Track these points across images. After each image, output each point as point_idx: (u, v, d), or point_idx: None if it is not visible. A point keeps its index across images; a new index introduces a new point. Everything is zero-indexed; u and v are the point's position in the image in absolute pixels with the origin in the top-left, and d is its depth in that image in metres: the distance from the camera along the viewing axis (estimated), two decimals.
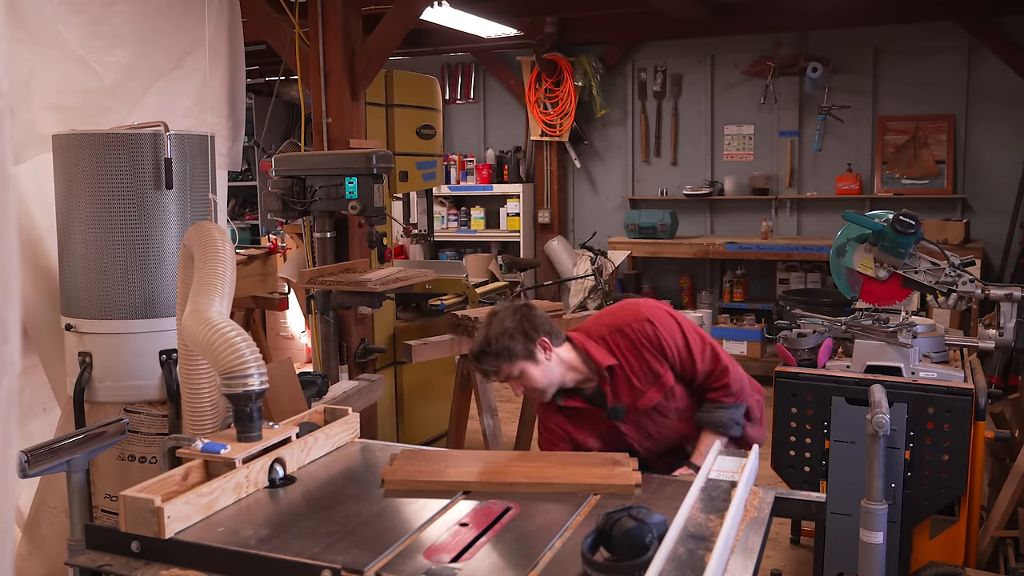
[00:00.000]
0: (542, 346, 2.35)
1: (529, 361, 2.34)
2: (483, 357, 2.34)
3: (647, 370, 2.41)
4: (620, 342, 2.42)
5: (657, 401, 2.43)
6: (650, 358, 2.40)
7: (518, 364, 2.33)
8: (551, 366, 2.38)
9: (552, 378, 2.39)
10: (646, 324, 2.41)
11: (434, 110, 4.82)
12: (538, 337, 2.35)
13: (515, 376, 2.35)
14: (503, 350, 2.31)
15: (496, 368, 2.34)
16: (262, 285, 4.84)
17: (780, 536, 3.84)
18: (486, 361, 2.34)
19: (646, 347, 2.40)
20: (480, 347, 2.35)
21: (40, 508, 2.72)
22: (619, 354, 2.41)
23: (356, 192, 3.47)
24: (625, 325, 2.43)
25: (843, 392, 2.92)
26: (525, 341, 2.33)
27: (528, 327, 2.34)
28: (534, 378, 2.35)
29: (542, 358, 2.35)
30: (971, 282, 3.04)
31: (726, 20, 6.72)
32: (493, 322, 2.36)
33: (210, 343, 1.90)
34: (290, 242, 6.01)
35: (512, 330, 2.33)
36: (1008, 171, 6.42)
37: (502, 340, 2.31)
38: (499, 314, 2.38)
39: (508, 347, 2.31)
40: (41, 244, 2.79)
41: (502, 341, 2.31)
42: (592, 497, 1.84)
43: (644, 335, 2.40)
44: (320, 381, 2.94)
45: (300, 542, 1.60)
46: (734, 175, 7.21)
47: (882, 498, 2.59)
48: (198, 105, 3.23)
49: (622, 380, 2.42)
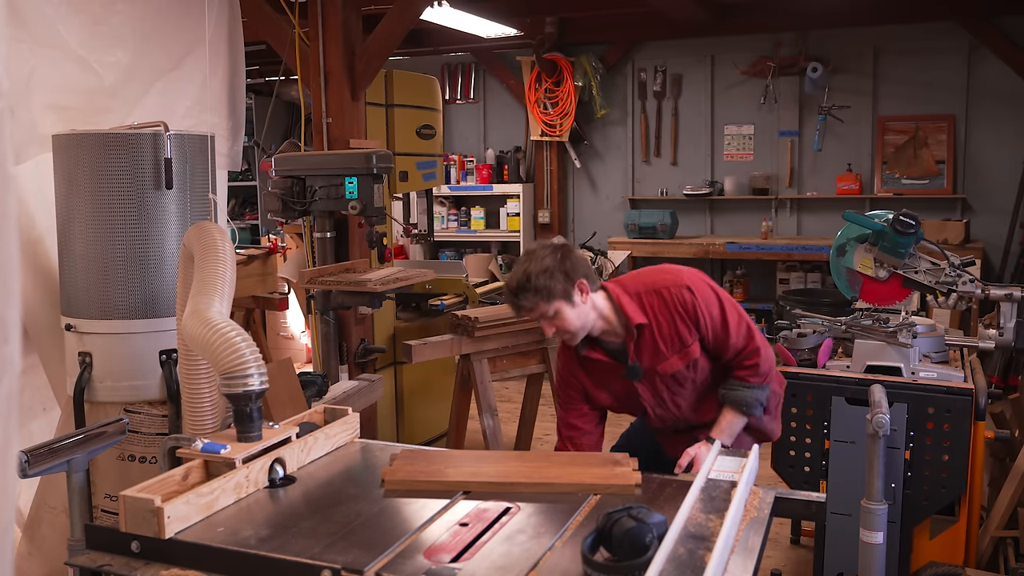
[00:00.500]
0: (580, 288, 2.33)
1: (566, 302, 2.31)
2: (521, 293, 2.31)
3: (675, 336, 2.37)
4: (655, 303, 2.38)
5: (678, 369, 2.40)
6: (681, 325, 2.37)
7: (555, 304, 2.30)
8: (586, 310, 2.35)
9: (585, 322, 2.36)
10: (684, 291, 2.37)
11: (434, 110, 4.82)
12: (577, 279, 2.32)
13: (549, 315, 2.33)
14: (542, 288, 2.28)
15: (533, 305, 2.31)
16: (262, 285, 4.84)
17: (780, 536, 3.84)
18: (524, 297, 2.31)
19: (679, 313, 2.36)
20: (519, 282, 2.31)
21: (40, 508, 2.72)
22: (651, 314, 2.38)
23: (356, 192, 3.47)
24: (663, 287, 2.39)
25: (843, 392, 2.92)
26: (565, 281, 2.30)
27: (568, 267, 2.32)
28: (568, 319, 2.32)
29: (579, 300, 2.33)
30: (971, 282, 3.04)
31: (726, 20, 6.72)
32: (533, 259, 2.32)
33: (210, 343, 1.90)
34: (290, 242, 6.01)
35: (552, 268, 2.30)
36: (1008, 171, 6.42)
37: (542, 278, 2.28)
38: (538, 252, 2.34)
39: (547, 285, 2.28)
40: (41, 244, 2.79)
41: (542, 279, 2.28)
42: (592, 497, 1.84)
43: (681, 301, 2.36)
44: (320, 381, 2.94)
45: (300, 542, 1.60)
46: (734, 175, 7.21)
47: (882, 498, 2.59)
48: (198, 105, 3.23)
49: (648, 341, 2.39)
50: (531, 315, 2.36)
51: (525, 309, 2.34)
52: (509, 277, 2.37)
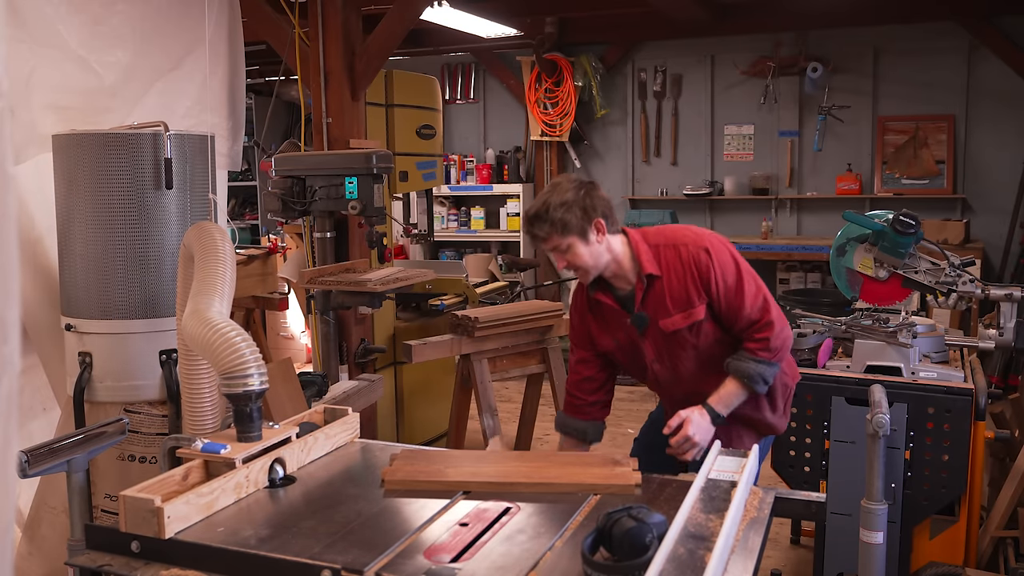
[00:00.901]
0: (597, 227, 2.33)
1: (580, 238, 2.32)
2: (537, 222, 2.32)
3: (684, 294, 2.36)
4: (670, 257, 2.38)
5: (679, 328, 2.38)
6: (691, 285, 2.35)
7: (569, 238, 2.31)
8: (600, 250, 2.36)
9: (598, 262, 2.37)
10: (702, 252, 2.35)
11: (434, 110, 4.82)
12: (595, 217, 2.33)
13: (562, 249, 2.34)
14: (559, 221, 2.29)
15: (547, 236, 2.33)
16: (262, 285, 4.84)
17: (780, 536, 3.84)
18: (538, 226, 2.32)
19: (692, 273, 2.35)
20: (536, 211, 2.33)
21: (40, 508, 2.72)
22: (664, 268, 2.37)
23: (356, 192, 3.47)
24: (682, 244, 2.38)
25: (843, 392, 2.92)
26: (582, 217, 2.30)
27: (588, 204, 2.32)
28: (581, 256, 2.34)
29: (594, 239, 2.34)
30: (971, 282, 3.04)
31: (726, 20, 6.72)
32: (555, 190, 2.33)
33: (210, 343, 1.90)
34: (290, 242, 6.01)
35: (572, 203, 2.30)
36: (1008, 171, 6.42)
37: (559, 210, 2.29)
38: (562, 184, 2.36)
39: (564, 219, 2.29)
40: (41, 244, 2.79)
41: (559, 211, 2.29)
42: (592, 497, 1.84)
43: (696, 261, 2.35)
44: (320, 381, 2.94)
45: (300, 542, 1.60)
46: (734, 175, 7.21)
47: (882, 498, 2.59)
48: (198, 105, 3.23)
49: (656, 294, 2.38)
50: (544, 245, 2.37)
51: (539, 239, 2.35)
52: (529, 205, 2.39)
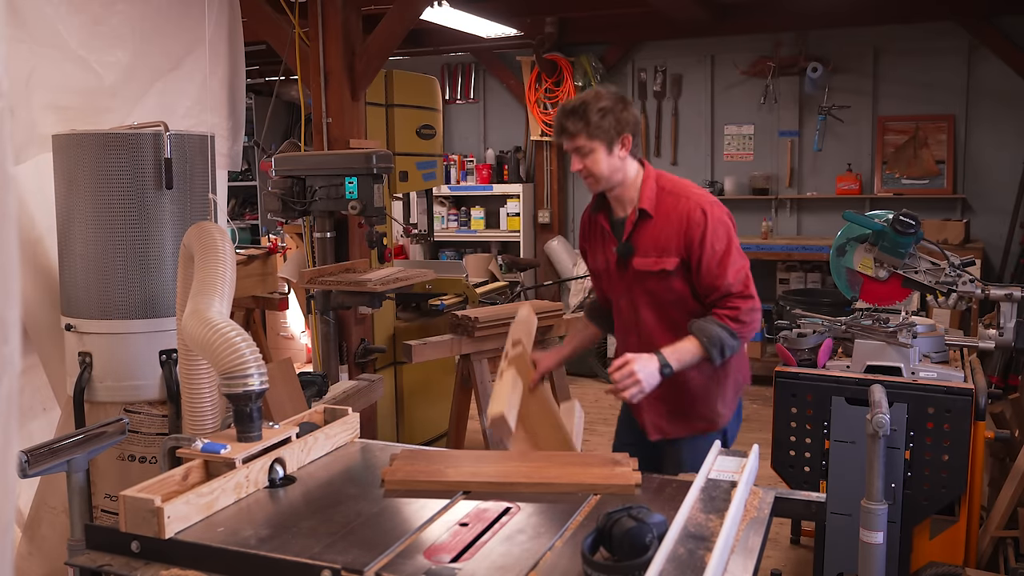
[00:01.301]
0: (623, 142, 2.36)
1: (606, 147, 2.35)
2: (572, 116, 2.34)
3: (665, 242, 2.38)
4: (669, 203, 2.40)
5: (645, 269, 2.40)
6: (674, 235, 2.37)
7: (595, 143, 2.34)
8: (618, 164, 2.38)
9: (612, 176, 2.39)
10: (699, 210, 2.36)
11: (434, 110, 4.83)
12: (625, 132, 2.36)
13: (584, 152, 2.36)
14: (593, 122, 2.32)
15: (576, 132, 2.34)
16: (262, 285, 4.84)
17: (780, 536, 3.84)
18: (572, 121, 2.33)
19: (680, 225, 2.36)
20: (574, 106, 2.34)
21: (40, 508, 2.72)
22: (659, 211, 2.40)
23: (356, 192, 3.47)
24: (684, 196, 2.40)
25: (843, 392, 2.92)
26: (614, 127, 2.33)
27: (623, 117, 2.35)
28: (599, 163, 2.36)
29: (617, 152, 2.37)
30: (971, 282, 3.04)
31: (726, 20, 6.72)
32: (595, 95, 2.36)
33: (210, 343, 1.90)
34: (290, 242, 6.02)
35: (608, 110, 2.33)
36: (1008, 171, 6.42)
37: (596, 113, 2.32)
38: (602, 92, 2.38)
39: (597, 122, 2.32)
40: (41, 244, 2.79)
41: (596, 114, 2.32)
42: (592, 497, 1.84)
43: (689, 215, 2.36)
44: (320, 381, 2.94)
45: (300, 542, 1.60)
46: (734, 175, 7.21)
47: (882, 498, 2.59)
48: (198, 105, 3.23)
49: (643, 231, 2.41)
50: (568, 143, 2.38)
51: (567, 133, 2.36)
52: (568, 100, 2.40)
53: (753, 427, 5.54)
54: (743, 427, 4.49)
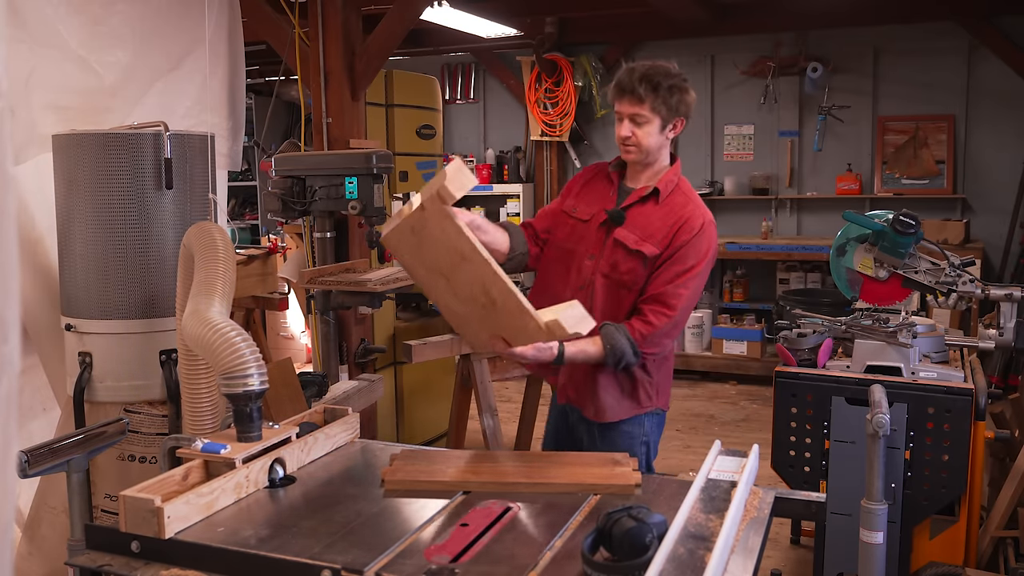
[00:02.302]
0: (676, 124, 2.36)
1: (661, 121, 2.33)
2: (644, 83, 2.28)
3: (655, 231, 2.35)
4: (677, 199, 2.39)
5: (624, 241, 2.36)
6: (665, 228, 2.35)
7: (655, 115, 2.32)
8: (663, 143, 2.38)
9: (653, 151, 2.37)
10: (699, 220, 2.36)
11: (434, 110, 4.83)
12: (681, 115, 2.35)
13: (641, 120, 2.32)
14: (662, 95, 2.29)
15: (642, 99, 2.30)
16: (262, 285, 4.83)
17: (780, 536, 3.84)
18: (643, 87, 2.28)
19: (676, 223, 2.34)
20: (648, 73, 2.29)
21: (40, 508, 2.72)
22: (665, 202, 2.38)
23: (356, 192, 3.47)
24: (693, 203, 2.40)
25: (843, 392, 2.92)
26: (678, 106, 2.32)
27: (687, 100, 2.34)
28: (649, 136, 2.33)
29: (668, 132, 2.36)
30: (971, 282, 3.04)
31: (726, 20, 6.72)
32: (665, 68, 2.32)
33: (210, 343, 1.90)
34: (290, 242, 6.01)
35: (676, 89, 2.31)
36: (1008, 171, 6.42)
37: (666, 89, 2.29)
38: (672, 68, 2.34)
39: (666, 96, 2.29)
40: (41, 244, 2.79)
41: (666, 89, 2.29)
42: (592, 497, 1.84)
43: (687, 218, 2.34)
44: (320, 381, 2.94)
45: (300, 542, 1.60)
46: (734, 175, 7.21)
47: (882, 498, 2.59)
48: (198, 105, 3.23)
49: (642, 208, 2.39)
50: (627, 107, 2.32)
51: (634, 96, 2.30)
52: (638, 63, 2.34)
53: (753, 427, 5.54)
54: (743, 427, 4.52)
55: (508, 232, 2.50)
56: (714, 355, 6.82)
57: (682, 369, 6.85)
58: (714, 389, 6.60)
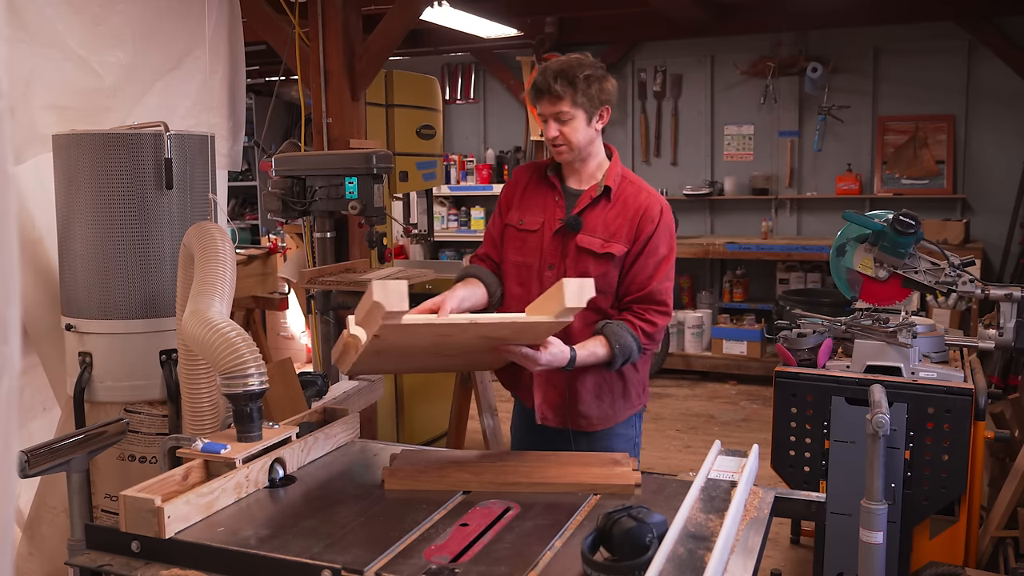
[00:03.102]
0: (602, 114, 2.29)
1: (587, 116, 2.26)
2: (561, 78, 2.21)
3: (615, 228, 2.29)
4: (628, 191, 2.32)
5: (589, 248, 2.28)
6: (628, 224, 2.28)
7: (578, 110, 2.24)
8: (593, 136, 2.30)
9: (583, 147, 2.30)
10: (657, 206, 2.30)
11: (434, 110, 4.83)
12: (606, 104, 2.28)
13: (563, 118, 2.25)
14: (581, 88, 2.21)
15: (561, 95, 2.22)
16: (262, 285, 4.84)
17: (780, 536, 3.84)
18: (560, 83, 2.20)
19: (635, 215, 2.28)
20: (562, 67, 2.22)
21: (40, 508, 2.72)
22: (618, 196, 2.32)
23: (356, 192, 3.47)
24: (645, 190, 2.33)
25: (843, 392, 2.92)
26: (599, 96, 2.25)
27: (607, 87, 2.27)
28: (576, 132, 2.26)
29: (595, 124, 2.29)
30: (971, 282, 3.04)
31: (726, 20, 6.72)
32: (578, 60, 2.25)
33: (210, 343, 1.90)
34: (290, 242, 6.01)
35: (595, 79, 2.24)
36: (1008, 171, 6.42)
37: (583, 81, 2.21)
38: (586, 60, 2.27)
39: (585, 89, 2.22)
40: (41, 244, 2.79)
41: (583, 81, 2.21)
42: (592, 497, 1.84)
43: (646, 208, 2.29)
44: (320, 381, 2.94)
45: (300, 542, 1.60)
46: (734, 175, 7.21)
47: (882, 498, 2.59)
48: (198, 105, 3.23)
49: (595, 210, 2.31)
50: (548, 107, 2.25)
51: (552, 95, 2.23)
52: (550, 62, 2.27)
53: (753, 427, 5.54)
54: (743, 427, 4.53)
55: (478, 279, 2.43)
56: (714, 355, 6.82)
57: (682, 369, 6.85)
58: (714, 389, 6.60)
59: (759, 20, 6.69)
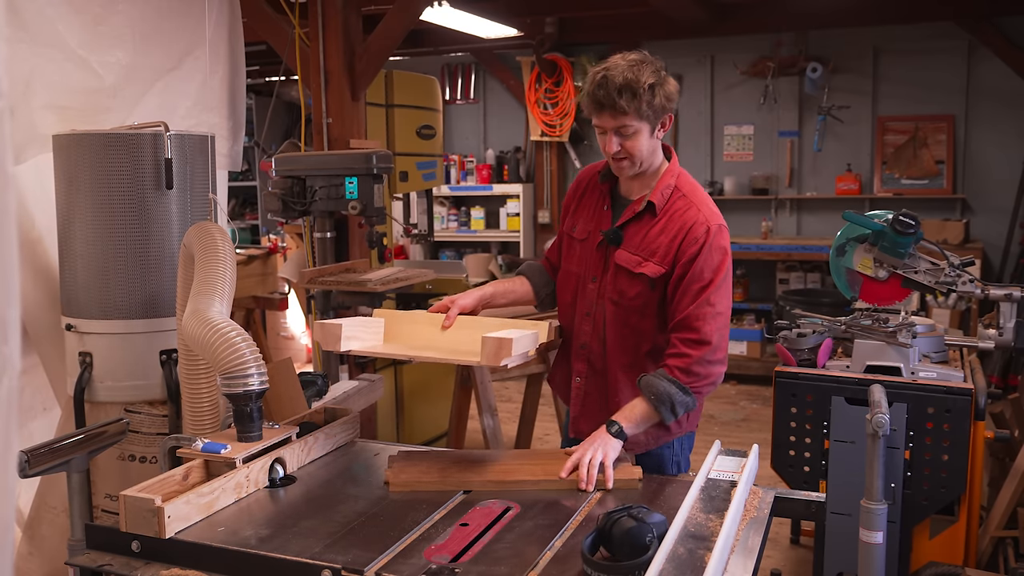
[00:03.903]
0: (664, 123, 2.11)
1: (650, 127, 2.08)
2: (625, 93, 2.01)
3: (656, 245, 2.12)
4: (678, 206, 2.14)
5: (625, 265, 2.15)
6: (670, 242, 2.10)
7: (643, 122, 2.06)
8: (656, 146, 2.14)
9: (645, 159, 2.12)
10: (704, 226, 2.09)
11: (434, 110, 4.83)
12: (669, 111, 2.10)
13: (628, 132, 2.07)
14: (646, 102, 2.03)
15: (626, 110, 2.03)
16: (262, 285, 4.84)
17: (780, 536, 3.84)
18: (625, 98, 2.01)
19: (679, 233, 2.10)
20: (628, 81, 2.02)
21: (40, 508, 2.72)
22: (665, 211, 2.14)
23: (356, 192, 3.47)
24: (697, 206, 2.13)
25: (843, 392, 2.92)
26: (663, 105, 2.07)
27: (669, 93, 2.08)
28: (639, 145, 2.09)
29: (658, 133, 2.12)
30: (971, 282, 3.04)
31: (726, 20, 6.72)
32: (639, 65, 2.05)
33: (210, 343, 1.90)
34: (290, 242, 6.01)
35: (658, 86, 2.05)
36: (1008, 171, 6.42)
37: (649, 91, 2.03)
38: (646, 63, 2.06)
39: (650, 100, 2.03)
40: (41, 244, 2.79)
41: (647, 92, 2.03)
42: (592, 497, 1.84)
43: (691, 226, 2.10)
44: (320, 381, 2.94)
45: (300, 542, 1.60)
46: (734, 175, 7.21)
47: (882, 498, 2.59)
48: (198, 105, 3.23)
49: (639, 224, 2.16)
50: (610, 121, 2.07)
51: (616, 110, 2.03)
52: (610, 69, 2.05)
53: (753, 427, 5.54)
54: (743, 427, 4.52)
55: (526, 276, 2.39)
56: None
57: None
58: None
59: (759, 20, 6.69)
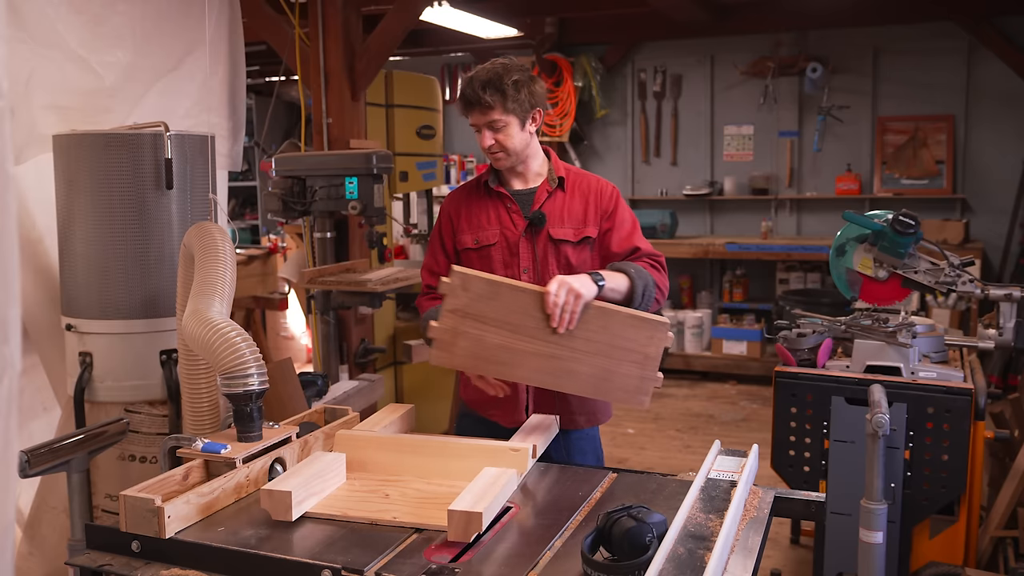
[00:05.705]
0: (535, 116, 2.29)
1: (520, 121, 2.26)
2: (490, 88, 2.19)
3: (580, 214, 2.32)
4: (578, 178, 2.37)
5: (564, 238, 2.31)
6: (591, 207, 2.33)
7: (510, 116, 2.23)
8: (528, 139, 2.30)
9: (521, 152, 2.30)
10: (608, 186, 2.36)
11: (434, 110, 4.83)
12: (538, 106, 2.28)
13: (497, 126, 2.24)
14: (511, 95, 2.20)
15: (492, 105, 2.20)
16: (262, 285, 4.85)
17: (780, 536, 3.84)
18: (490, 93, 2.19)
19: (594, 197, 2.33)
20: (489, 76, 2.20)
21: (40, 508, 2.72)
22: (571, 184, 2.35)
23: (356, 192, 3.47)
24: (592, 176, 2.39)
25: (843, 392, 2.92)
26: (529, 99, 2.24)
27: (536, 90, 2.26)
28: (512, 138, 2.26)
29: (529, 127, 2.29)
30: (970, 282, 3.04)
31: (726, 20, 6.73)
32: (505, 66, 2.23)
33: (210, 343, 1.90)
34: (290, 242, 6.02)
35: (524, 83, 2.22)
36: (1008, 171, 6.42)
37: (513, 86, 2.20)
38: (512, 63, 2.25)
39: (514, 95, 2.20)
40: (41, 244, 2.79)
41: (511, 87, 2.19)
42: (592, 497, 1.84)
43: (599, 189, 2.35)
44: (320, 381, 2.94)
45: (300, 542, 1.60)
46: (734, 175, 7.22)
47: (882, 498, 2.59)
48: (198, 105, 3.23)
49: (554, 201, 2.34)
50: (480, 116, 2.24)
51: (483, 105, 2.21)
52: (476, 72, 2.24)
53: (753, 427, 5.54)
54: (743, 427, 4.54)
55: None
56: (714, 355, 6.82)
57: (682, 369, 6.85)
58: (714, 389, 6.60)
59: (759, 20, 6.70)
